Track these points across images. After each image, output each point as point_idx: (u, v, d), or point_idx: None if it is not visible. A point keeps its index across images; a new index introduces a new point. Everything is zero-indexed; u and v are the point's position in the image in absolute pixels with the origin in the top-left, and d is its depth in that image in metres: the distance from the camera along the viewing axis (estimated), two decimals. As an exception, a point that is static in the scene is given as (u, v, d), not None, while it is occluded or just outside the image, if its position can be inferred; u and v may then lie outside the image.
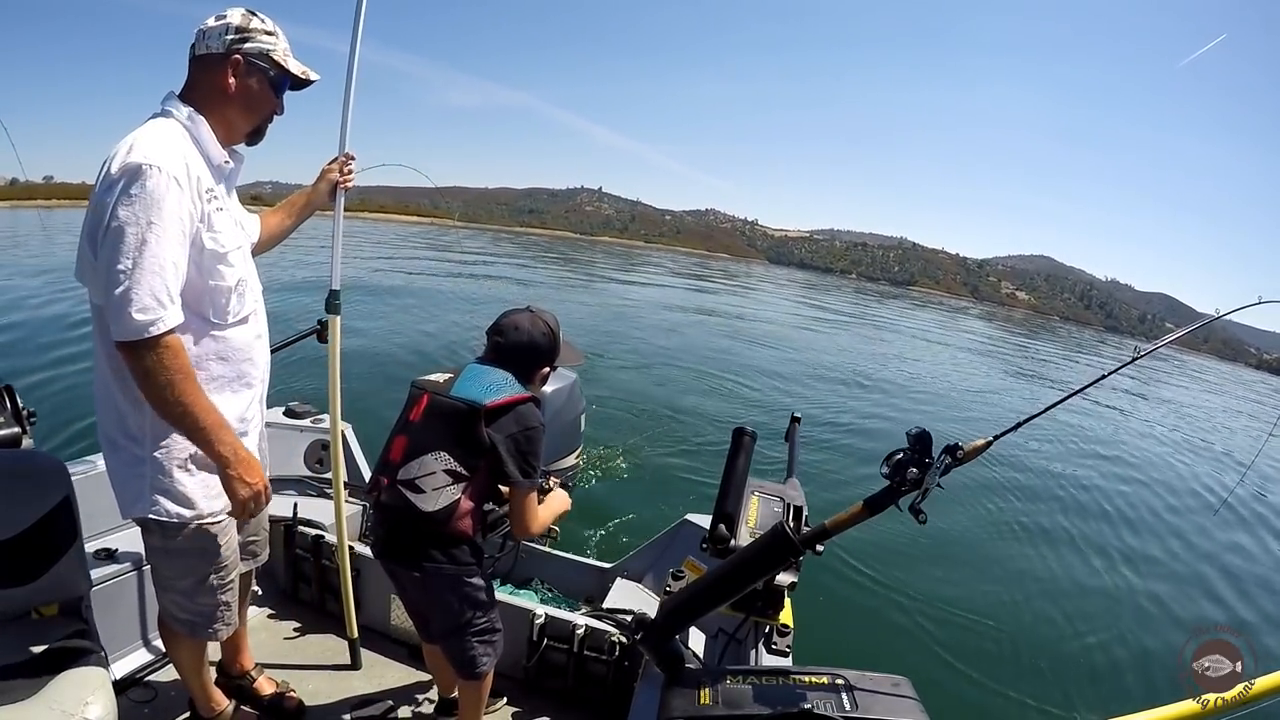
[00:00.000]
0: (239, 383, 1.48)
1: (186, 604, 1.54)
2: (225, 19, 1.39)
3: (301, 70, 1.50)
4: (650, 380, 9.62)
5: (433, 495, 1.48)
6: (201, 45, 1.38)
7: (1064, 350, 40.36)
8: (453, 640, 1.63)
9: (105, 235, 1.21)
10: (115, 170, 1.23)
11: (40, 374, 6.40)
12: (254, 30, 1.40)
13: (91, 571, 1.52)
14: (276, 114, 1.52)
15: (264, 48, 1.41)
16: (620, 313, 18.03)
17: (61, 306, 9.63)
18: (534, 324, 1.66)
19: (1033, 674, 3.90)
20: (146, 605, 2.06)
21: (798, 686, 1.07)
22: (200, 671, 1.71)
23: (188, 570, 1.50)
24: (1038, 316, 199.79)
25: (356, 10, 1.78)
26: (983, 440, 1.02)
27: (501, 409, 1.53)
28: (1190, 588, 5.68)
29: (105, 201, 1.21)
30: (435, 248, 34.96)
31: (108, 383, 1.37)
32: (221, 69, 1.38)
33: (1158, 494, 8.56)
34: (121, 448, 1.39)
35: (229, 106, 1.41)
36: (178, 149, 1.30)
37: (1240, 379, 58.32)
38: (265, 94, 1.45)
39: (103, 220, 1.21)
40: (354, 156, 1.85)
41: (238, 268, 1.44)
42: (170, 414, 1.26)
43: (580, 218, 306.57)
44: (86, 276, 1.30)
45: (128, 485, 1.40)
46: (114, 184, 1.22)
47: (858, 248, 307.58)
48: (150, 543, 1.49)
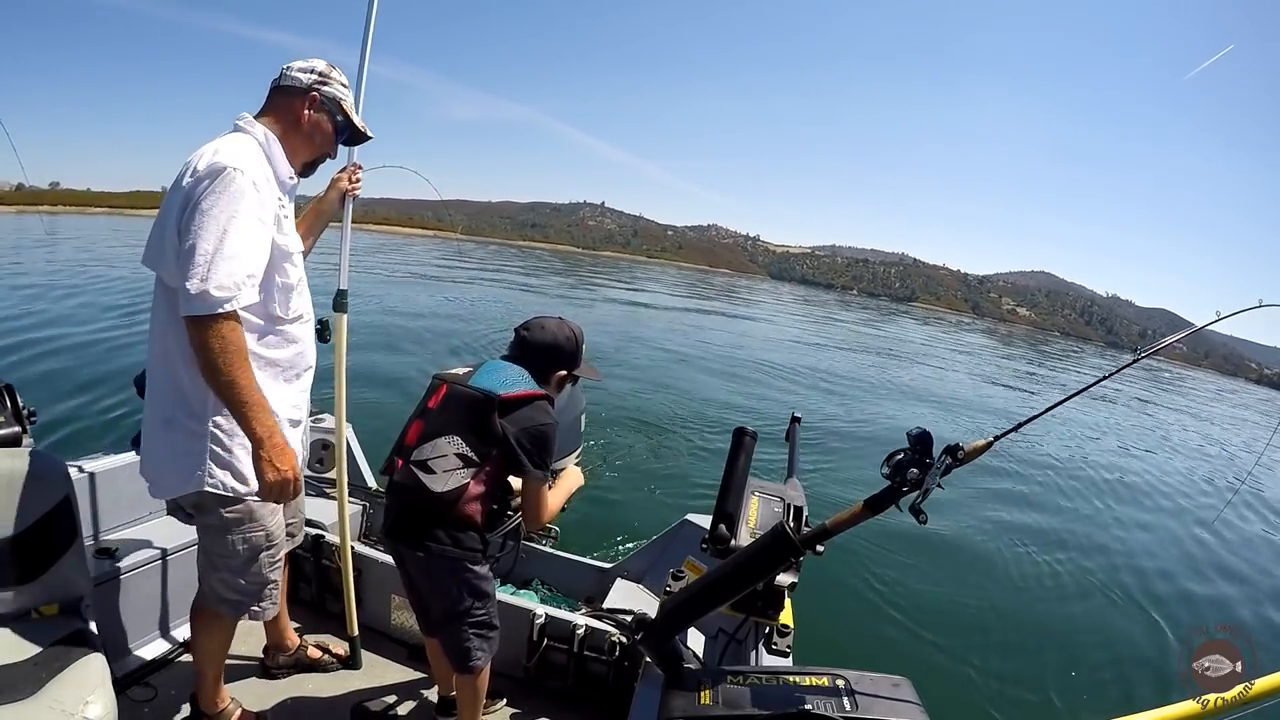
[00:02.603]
0: (292, 373, 1.61)
1: (236, 582, 1.60)
2: (311, 64, 1.62)
3: (361, 124, 1.72)
4: (651, 381, 9.63)
5: (443, 476, 1.53)
6: (286, 78, 1.59)
7: (1062, 362, 40.35)
8: (450, 629, 1.65)
9: (190, 222, 1.34)
10: (203, 168, 1.37)
11: (40, 374, 6.40)
12: (333, 79, 1.63)
13: (91, 571, 1.52)
14: (330, 156, 1.73)
15: (338, 95, 1.63)
16: (622, 320, 18.05)
17: (62, 306, 9.63)
18: (560, 328, 1.74)
19: (1033, 674, 3.90)
20: (146, 605, 2.06)
21: (798, 687, 1.07)
22: (220, 663, 1.75)
23: (243, 547, 1.58)
24: (1038, 332, 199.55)
25: (365, 26, 1.89)
26: (983, 441, 1.02)
27: (516, 402, 1.58)
28: (1190, 588, 5.68)
29: (193, 194, 1.36)
30: (439, 259, 34.94)
31: (172, 363, 1.45)
32: (299, 101, 1.59)
33: (1157, 495, 8.56)
34: (179, 426, 1.47)
35: (297, 134, 1.60)
36: (256, 159, 1.48)
37: (1224, 391, 58.32)
38: (328, 134, 1.65)
39: (189, 208, 1.35)
40: (361, 166, 1.98)
41: (299, 268, 1.61)
42: (219, 385, 1.35)
43: (583, 232, 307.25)
44: (161, 261, 1.42)
45: (183, 461, 1.47)
46: (201, 179, 1.37)
47: (859, 264, 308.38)
48: (204, 521, 1.56)
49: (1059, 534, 6.33)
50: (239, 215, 1.37)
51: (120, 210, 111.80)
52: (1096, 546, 6.21)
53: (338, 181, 1.94)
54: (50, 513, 1.45)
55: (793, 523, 1.51)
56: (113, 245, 26.79)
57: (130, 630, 2.01)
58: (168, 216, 1.40)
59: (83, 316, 9.08)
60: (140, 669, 1.97)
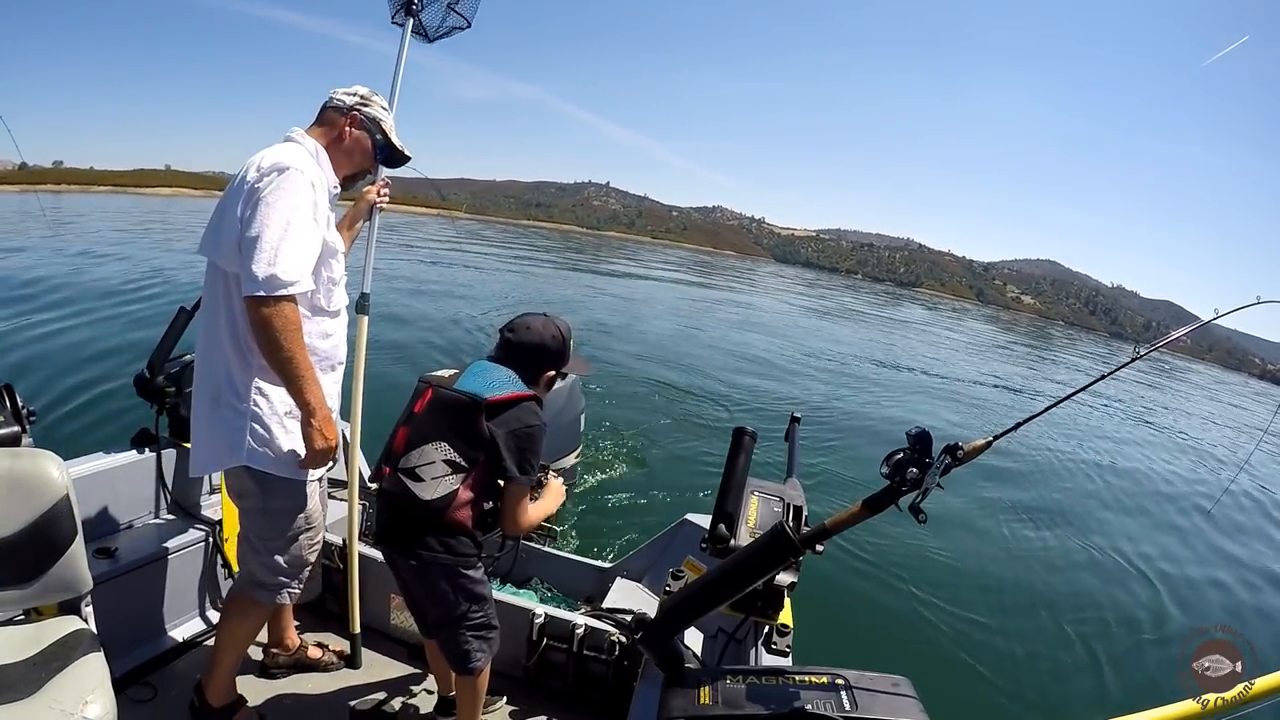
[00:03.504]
0: (328, 364, 1.71)
1: (276, 564, 1.70)
2: (355, 89, 1.78)
3: (400, 144, 1.86)
4: (650, 380, 9.62)
5: (431, 484, 1.52)
6: (333, 100, 1.75)
7: (1065, 354, 40.36)
8: (448, 633, 1.65)
9: (255, 212, 1.47)
10: (266, 166, 1.52)
11: (40, 374, 6.40)
12: (374, 102, 1.79)
13: (92, 571, 1.53)
14: (369, 173, 1.90)
15: (378, 116, 1.79)
16: (622, 310, 18.03)
17: (62, 306, 9.63)
18: (546, 327, 1.72)
19: (1033, 674, 3.91)
20: (146, 605, 2.06)
21: (797, 686, 1.07)
22: (243, 652, 1.81)
23: (284, 528, 1.68)
24: (1042, 321, 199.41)
25: (396, 65, 2.10)
26: (982, 440, 1.02)
27: (503, 404, 1.56)
28: (1190, 588, 5.69)
29: (257, 188, 1.49)
30: (442, 241, 34.86)
31: (221, 344, 1.57)
32: (343, 119, 1.75)
33: (1156, 494, 8.57)
34: (225, 404, 1.58)
35: (339, 148, 1.75)
36: (312, 164, 1.62)
37: (1225, 385, 58.34)
38: (367, 151, 1.80)
39: (253, 201, 1.48)
40: (389, 182, 2.10)
41: (341, 265, 1.75)
42: (279, 360, 1.48)
43: (587, 212, 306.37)
44: (218, 250, 1.54)
45: (227, 437, 1.58)
46: (265, 174, 1.50)
47: (864, 248, 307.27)
48: (246, 505, 1.67)
49: (1059, 532, 6.34)
50: (300, 209, 1.51)
51: (124, 189, 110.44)
52: (1097, 545, 6.21)
53: (367, 193, 2.05)
54: (50, 512, 1.44)
55: (792, 522, 1.51)
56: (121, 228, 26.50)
57: (130, 630, 2.01)
58: (228, 208, 1.52)
59: (83, 316, 9.08)
60: (140, 669, 1.97)
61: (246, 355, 1.56)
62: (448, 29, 2.34)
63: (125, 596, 1.98)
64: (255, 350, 1.53)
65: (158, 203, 63.29)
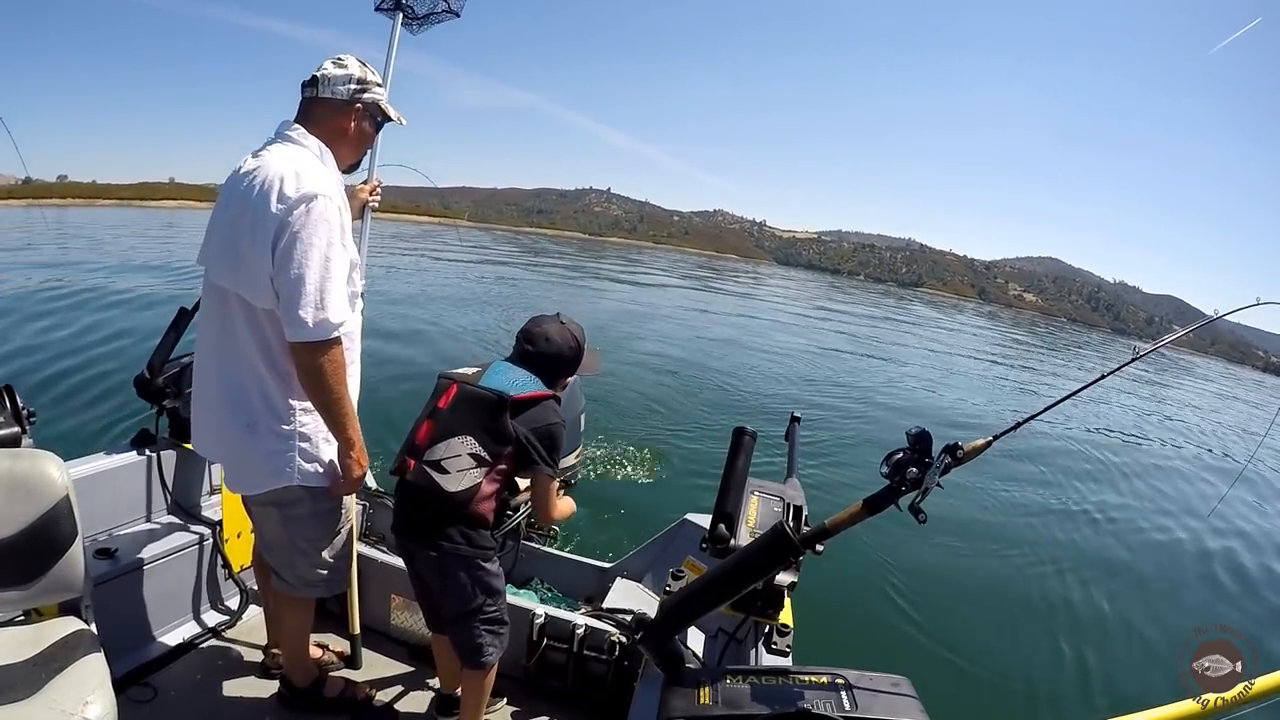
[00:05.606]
0: (353, 368, 1.70)
1: (324, 563, 1.76)
2: (346, 69, 1.62)
3: (397, 116, 1.77)
4: (650, 380, 9.62)
5: (456, 476, 1.56)
6: (326, 90, 1.61)
7: (1068, 351, 40.36)
8: (462, 625, 1.66)
9: (292, 250, 1.42)
10: (293, 195, 1.43)
11: (40, 374, 6.40)
12: (370, 82, 1.67)
13: (91, 572, 1.53)
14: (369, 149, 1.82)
15: (377, 99, 1.69)
16: (623, 313, 18.03)
17: (63, 306, 9.63)
18: (563, 336, 1.76)
19: (1033, 673, 3.90)
20: (147, 605, 2.06)
21: (797, 686, 1.07)
22: (309, 635, 1.90)
23: (330, 531, 1.75)
24: (1045, 318, 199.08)
25: (386, 64, 2.04)
26: (982, 440, 1.02)
27: (527, 403, 1.61)
28: (1190, 587, 5.68)
29: (289, 221, 1.42)
30: (443, 245, 34.88)
31: (255, 371, 1.54)
32: (345, 114, 1.64)
33: (1157, 494, 8.56)
34: (266, 429, 1.57)
35: (344, 145, 1.67)
36: (330, 179, 1.55)
37: (1236, 377, 58.29)
38: (370, 137, 1.74)
39: (286, 236, 1.42)
40: (382, 181, 2.08)
41: (360, 276, 1.74)
42: (326, 400, 1.50)
43: (589, 218, 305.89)
44: (239, 278, 1.48)
45: (273, 460, 1.58)
46: (294, 207, 1.43)
47: (865, 249, 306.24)
48: (293, 513, 1.68)
49: (1059, 532, 6.33)
50: (335, 242, 1.47)
51: (128, 202, 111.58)
52: (1097, 544, 6.21)
53: (359, 193, 2.02)
54: (50, 513, 1.45)
55: (792, 522, 1.51)
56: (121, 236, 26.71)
57: (130, 630, 2.01)
58: (240, 235, 1.45)
59: (83, 316, 9.08)
60: (140, 669, 1.97)
61: (286, 379, 1.55)
62: (437, 15, 2.33)
63: (125, 597, 1.98)
64: (294, 373, 1.52)
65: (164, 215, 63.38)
